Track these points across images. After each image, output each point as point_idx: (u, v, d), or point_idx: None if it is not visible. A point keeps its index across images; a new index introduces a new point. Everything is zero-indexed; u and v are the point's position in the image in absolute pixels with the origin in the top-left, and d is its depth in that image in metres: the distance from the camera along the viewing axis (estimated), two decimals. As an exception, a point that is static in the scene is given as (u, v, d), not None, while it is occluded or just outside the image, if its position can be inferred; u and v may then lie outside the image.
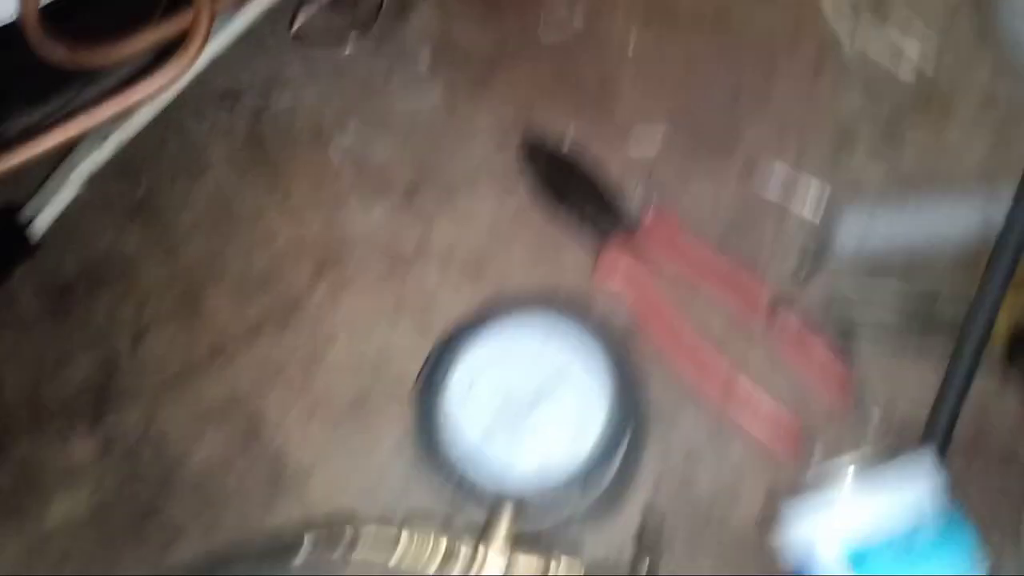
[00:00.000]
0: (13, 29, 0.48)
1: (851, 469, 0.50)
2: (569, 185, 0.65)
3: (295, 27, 0.68)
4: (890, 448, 0.56)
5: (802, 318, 0.59)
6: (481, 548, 0.50)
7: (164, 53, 0.55)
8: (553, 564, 0.50)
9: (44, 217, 0.59)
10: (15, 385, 0.59)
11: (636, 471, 0.54)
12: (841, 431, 0.57)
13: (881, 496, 0.48)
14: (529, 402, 0.53)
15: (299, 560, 0.49)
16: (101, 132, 0.60)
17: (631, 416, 0.52)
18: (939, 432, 0.53)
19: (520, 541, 0.51)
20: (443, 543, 0.50)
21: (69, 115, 0.52)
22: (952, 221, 0.60)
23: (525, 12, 0.74)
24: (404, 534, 0.50)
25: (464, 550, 0.50)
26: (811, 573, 0.49)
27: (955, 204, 0.60)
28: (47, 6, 0.49)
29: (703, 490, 0.56)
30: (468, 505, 0.53)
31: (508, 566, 0.49)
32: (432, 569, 0.49)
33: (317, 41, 0.70)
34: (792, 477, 0.56)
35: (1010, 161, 0.62)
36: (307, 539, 0.50)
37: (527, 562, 0.50)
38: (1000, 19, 0.70)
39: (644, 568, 0.49)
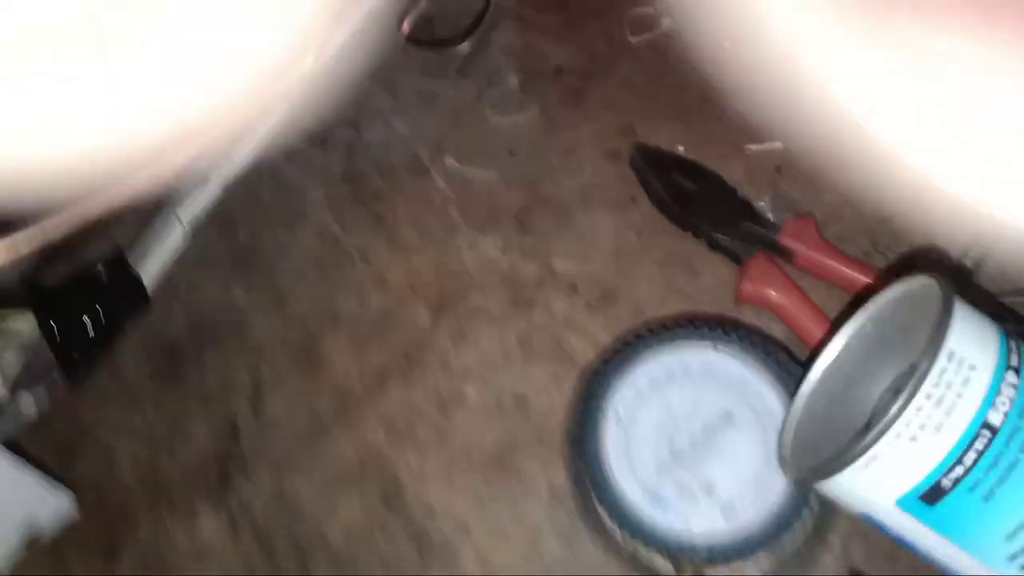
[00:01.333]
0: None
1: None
2: (694, 196, 0.56)
3: (406, 27, 0.59)
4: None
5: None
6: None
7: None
8: None
9: (150, 267, 0.50)
10: (130, 461, 0.51)
11: (830, 525, 0.45)
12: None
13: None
14: (700, 439, 0.44)
15: None
16: (201, 173, 0.51)
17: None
18: None
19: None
20: None
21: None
22: None
23: (607, 16, 0.65)
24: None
25: None
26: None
27: None
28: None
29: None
30: (640, 570, 0.44)
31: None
32: None
33: (429, 41, 0.61)
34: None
35: None
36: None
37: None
38: None
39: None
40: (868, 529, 0.47)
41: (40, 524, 0.46)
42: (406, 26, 0.58)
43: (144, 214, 0.54)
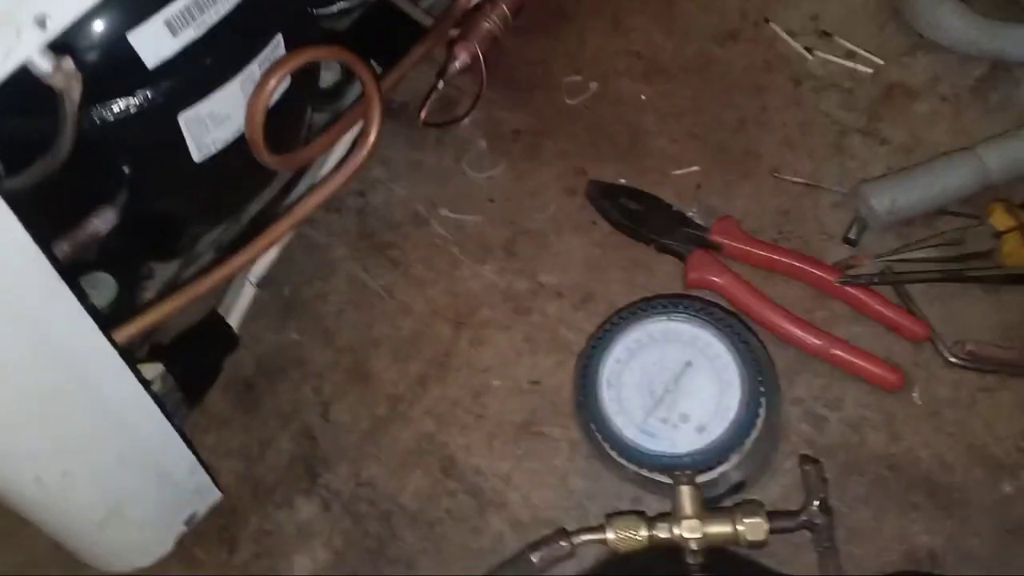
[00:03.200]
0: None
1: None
2: (640, 214, 0.71)
3: (424, 116, 0.73)
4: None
5: (865, 276, 0.66)
6: (675, 519, 0.54)
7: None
8: (739, 520, 0.54)
9: (234, 318, 0.63)
10: (232, 473, 0.62)
11: (779, 427, 0.59)
12: (927, 360, 0.64)
13: None
14: (672, 385, 0.58)
15: (536, 559, 0.53)
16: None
17: (763, 377, 0.58)
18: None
19: (705, 508, 0.55)
20: (643, 522, 0.54)
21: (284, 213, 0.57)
22: (956, 176, 0.68)
23: (546, 85, 0.82)
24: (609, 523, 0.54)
25: (662, 524, 0.54)
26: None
27: (953, 162, 0.68)
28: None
29: (834, 430, 0.62)
30: (649, 487, 0.58)
31: (702, 529, 0.54)
32: (643, 532, 0.53)
33: (439, 122, 0.76)
34: (901, 405, 0.62)
35: (972, 119, 0.73)
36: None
37: (717, 524, 0.54)
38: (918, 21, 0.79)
39: (819, 503, 0.54)
40: (807, 430, 0.62)
41: (198, 511, 0.57)
42: (424, 114, 0.72)
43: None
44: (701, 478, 0.58)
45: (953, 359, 0.64)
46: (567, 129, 0.79)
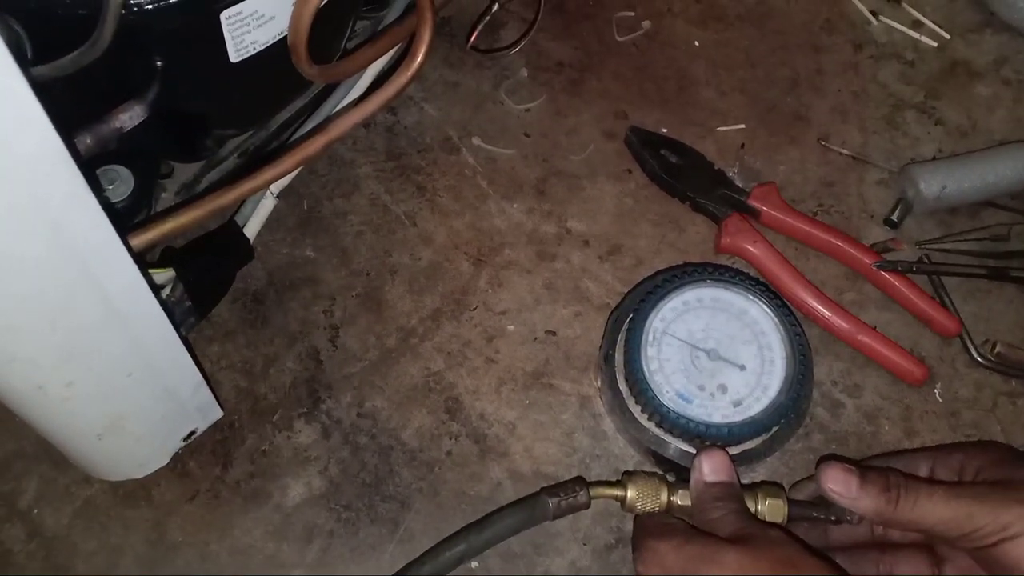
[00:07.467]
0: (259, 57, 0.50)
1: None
2: (679, 168, 0.68)
3: (472, 40, 0.70)
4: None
5: (903, 263, 0.63)
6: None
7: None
8: (760, 499, 0.51)
9: (251, 228, 0.60)
10: (233, 388, 0.60)
11: (807, 405, 0.57)
12: (953, 356, 0.62)
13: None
14: (715, 354, 0.56)
15: (552, 504, 0.51)
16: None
17: (802, 356, 0.56)
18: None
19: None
20: (664, 486, 0.52)
21: (319, 127, 0.54)
22: (1012, 168, 0.65)
23: (597, 18, 0.77)
24: (630, 481, 0.52)
25: (681, 491, 0.52)
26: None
27: (1011, 154, 0.65)
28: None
29: (850, 418, 0.60)
30: (653, 458, 0.57)
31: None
32: (663, 496, 0.51)
33: (488, 48, 0.73)
34: (920, 400, 0.61)
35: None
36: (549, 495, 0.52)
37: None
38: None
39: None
40: (822, 414, 0.60)
41: (198, 428, 0.56)
42: (474, 38, 0.68)
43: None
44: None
45: (980, 359, 0.62)
46: (613, 67, 0.75)
